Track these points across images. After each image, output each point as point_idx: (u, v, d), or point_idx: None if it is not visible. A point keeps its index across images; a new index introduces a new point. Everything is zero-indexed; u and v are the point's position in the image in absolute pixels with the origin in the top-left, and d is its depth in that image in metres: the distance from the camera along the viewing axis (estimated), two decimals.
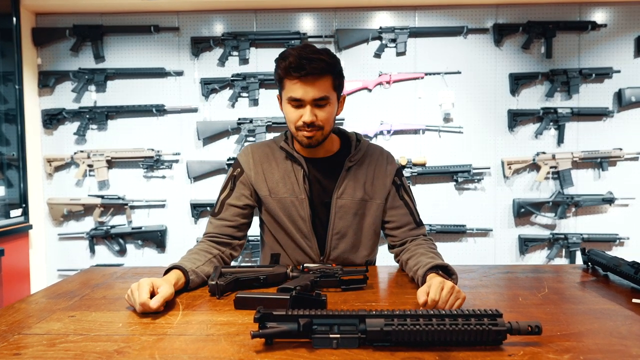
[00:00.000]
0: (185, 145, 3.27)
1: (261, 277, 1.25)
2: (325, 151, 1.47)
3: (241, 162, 1.50)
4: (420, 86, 3.20)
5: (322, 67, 1.29)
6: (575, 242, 3.16)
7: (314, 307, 0.98)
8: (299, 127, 1.36)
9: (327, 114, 1.35)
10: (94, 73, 3.22)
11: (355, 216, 1.46)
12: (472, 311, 0.83)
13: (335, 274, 1.24)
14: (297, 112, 1.34)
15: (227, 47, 3.19)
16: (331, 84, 1.34)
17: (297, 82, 1.30)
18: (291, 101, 1.33)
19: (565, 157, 3.14)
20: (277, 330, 0.83)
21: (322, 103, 1.33)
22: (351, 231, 1.47)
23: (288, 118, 1.38)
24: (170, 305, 1.11)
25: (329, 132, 1.40)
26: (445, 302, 1.01)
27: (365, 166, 1.48)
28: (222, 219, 1.45)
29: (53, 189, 3.30)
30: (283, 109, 1.40)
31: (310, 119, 1.32)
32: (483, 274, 1.39)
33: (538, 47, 3.18)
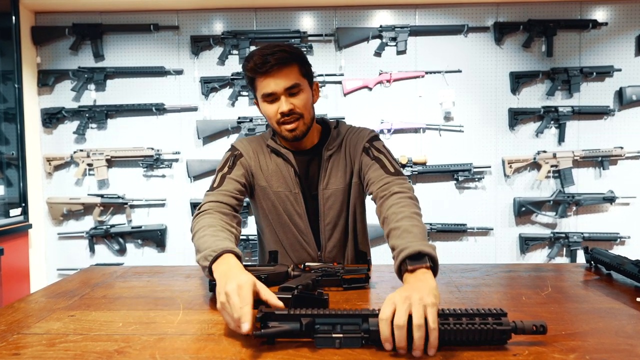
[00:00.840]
0: (185, 144, 3.26)
1: (262, 276, 1.24)
2: (310, 142, 1.47)
3: (240, 148, 1.48)
4: (421, 85, 3.19)
5: (285, 57, 1.31)
6: (576, 241, 3.15)
7: (316, 307, 0.97)
8: (279, 121, 1.36)
9: (303, 101, 1.36)
10: (94, 72, 3.21)
11: (344, 204, 1.47)
12: (476, 310, 0.82)
13: (336, 273, 1.23)
14: (274, 106, 1.34)
15: (227, 45, 3.18)
16: (298, 71, 1.35)
17: (265, 78, 1.31)
18: (266, 97, 1.34)
19: (566, 156, 3.14)
20: (279, 330, 0.82)
21: (295, 91, 1.34)
22: (342, 220, 1.48)
23: (268, 116, 1.38)
24: (170, 305, 1.10)
25: (310, 120, 1.40)
26: (419, 317, 0.79)
27: (345, 150, 1.47)
28: (224, 190, 1.36)
29: (52, 188, 3.28)
30: (262, 110, 1.40)
31: (287, 107, 1.32)
32: (485, 272, 1.38)
33: (539, 45, 3.17)
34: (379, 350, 0.82)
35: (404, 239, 1.06)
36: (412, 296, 0.82)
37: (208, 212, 1.29)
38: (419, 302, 0.80)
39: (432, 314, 0.79)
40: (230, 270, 0.98)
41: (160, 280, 1.33)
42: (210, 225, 1.20)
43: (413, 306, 0.80)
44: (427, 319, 0.79)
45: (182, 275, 1.40)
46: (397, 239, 1.08)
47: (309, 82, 1.40)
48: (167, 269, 1.48)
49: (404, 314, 0.79)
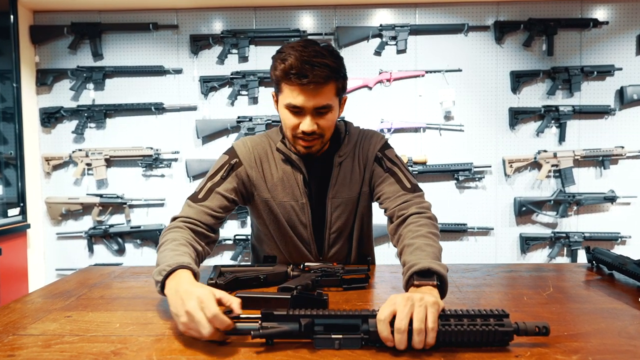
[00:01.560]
0: (184, 144, 3.25)
1: (261, 276, 1.23)
2: (321, 149, 1.39)
3: (241, 155, 1.36)
4: (421, 84, 3.18)
5: (326, 75, 1.19)
6: (577, 241, 3.14)
7: (315, 307, 0.96)
8: (297, 136, 1.28)
9: (329, 122, 1.27)
10: (93, 71, 3.19)
11: (352, 212, 1.41)
12: (478, 311, 0.81)
13: (336, 273, 1.22)
14: (295, 119, 1.25)
15: (227, 44, 3.17)
16: (334, 90, 1.24)
17: (296, 89, 1.20)
18: (290, 108, 1.24)
19: (567, 156, 3.12)
20: (278, 331, 0.81)
21: (324, 111, 1.24)
22: (348, 228, 1.42)
23: (285, 123, 1.28)
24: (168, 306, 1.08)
25: (329, 139, 1.33)
26: (419, 320, 0.79)
27: (357, 157, 1.39)
28: (206, 206, 1.27)
29: (51, 187, 3.27)
30: (279, 111, 1.30)
31: (310, 128, 1.23)
32: (486, 272, 1.37)
33: (539, 44, 3.16)
34: (379, 352, 0.81)
35: (416, 255, 1.05)
36: (413, 297, 0.81)
37: (178, 228, 1.21)
38: (420, 301, 0.80)
39: (432, 314, 0.79)
40: (180, 286, 0.91)
41: None
42: (174, 239, 1.15)
43: (414, 307, 0.79)
44: (427, 319, 0.78)
45: None
46: (409, 255, 1.07)
47: (340, 98, 1.30)
48: None
49: (405, 318, 0.79)
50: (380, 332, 0.79)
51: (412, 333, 0.78)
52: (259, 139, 1.42)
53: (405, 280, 1.01)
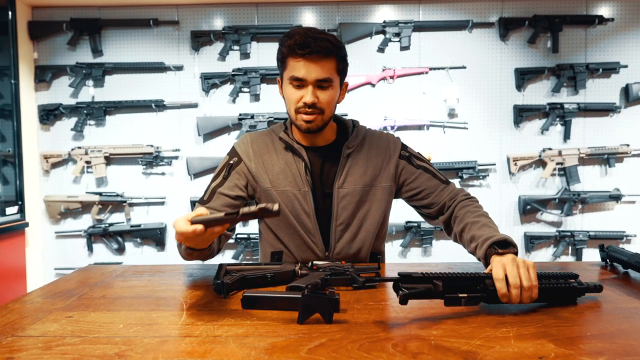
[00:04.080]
0: (185, 142, 3.21)
1: (268, 275, 1.19)
2: (324, 140, 1.42)
3: (239, 152, 1.43)
4: (425, 81, 3.15)
5: (327, 47, 1.26)
6: (582, 240, 3.11)
7: (327, 307, 0.92)
8: (298, 109, 1.31)
9: (329, 97, 1.31)
10: (92, 67, 3.16)
11: (360, 204, 1.41)
12: (555, 273, 1.02)
13: (346, 272, 1.18)
14: (298, 92, 1.29)
15: (228, 41, 3.13)
16: (335, 66, 1.30)
17: (300, 61, 1.26)
18: (293, 80, 1.29)
19: (572, 154, 3.10)
20: (418, 291, 0.90)
21: (325, 85, 1.29)
22: (356, 221, 1.41)
23: (288, 99, 1.33)
24: (173, 305, 1.05)
25: (329, 118, 1.35)
26: (527, 279, 0.97)
27: (366, 150, 1.42)
28: (211, 207, 1.35)
29: (50, 186, 3.23)
30: (283, 91, 1.36)
31: (311, 99, 1.27)
32: None
33: (544, 41, 3.13)
34: None
35: (487, 230, 1.20)
36: (517, 260, 1.00)
37: None
38: (523, 263, 0.99)
39: (534, 273, 0.98)
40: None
41: (162, 280, 1.28)
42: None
43: (520, 268, 0.98)
44: (530, 277, 0.97)
45: (183, 274, 1.35)
46: (479, 230, 1.21)
47: (341, 80, 1.36)
48: (168, 267, 1.43)
49: (517, 275, 0.97)
50: (500, 289, 0.95)
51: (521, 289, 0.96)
52: (260, 134, 1.49)
53: (485, 249, 1.13)
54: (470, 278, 0.94)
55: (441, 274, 0.93)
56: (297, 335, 0.86)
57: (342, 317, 0.96)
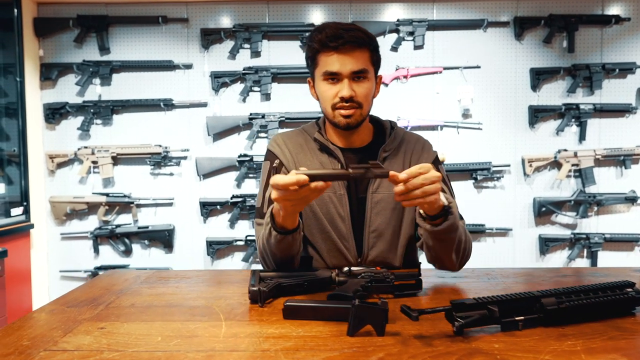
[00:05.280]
0: (194, 141, 3.15)
1: (305, 282, 1.13)
2: (360, 140, 1.36)
3: (277, 153, 1.38)
4: (439, 81, 3.10)
5: (360, 37, 1.22)
6: (597, 242, 3.07)
7: (379, 318, 0.87)
8: (335, 105, 1.26)
9: (366, 90, 1.26)
10: (99, 65, 3.09)
11: (395, 211, 1.34)
12: (607, 284, 0.94)
13: (386, 279, 1.13)
14: (334, 88, 1.25)
15: (239, 39, 3.08)
16: (369, 57, 1.26)
17: (333, 54, 1.22)
18: (327, 76, 1.24)
19: (587, 155, 3.06)
20: (473, 319, 0.85)
21: (361, 76, 1.24)
22: (390, 228, 1.34)
23: (323, 97, 1.28)
24: (209, 315, 0.99)
25: (367, 112, 1.31)
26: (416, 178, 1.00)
27: (402, 155, 1.37)
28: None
29: (55, 186, 3.17)
30: (317, 91, 1.31)
31: (348, 93, 1.22)
32: (536, 278, 1.28)
33: (560, 41, 3.09)
34: None
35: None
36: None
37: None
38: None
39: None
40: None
41: (190, 287, 1.22)
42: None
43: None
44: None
45: (211, 281, 1.29)
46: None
47: (375, 72, 1.31)
48: (194, 273, 1.37)
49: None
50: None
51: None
52: (292, 134, 1.43)
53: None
54: (526, 299, 0.89)
55: (495, 298, 0.87)
56: (351, 349, 0.81)
57: (393, 328, 0.91)
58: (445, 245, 1.19)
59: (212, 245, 3.12)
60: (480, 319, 0.85)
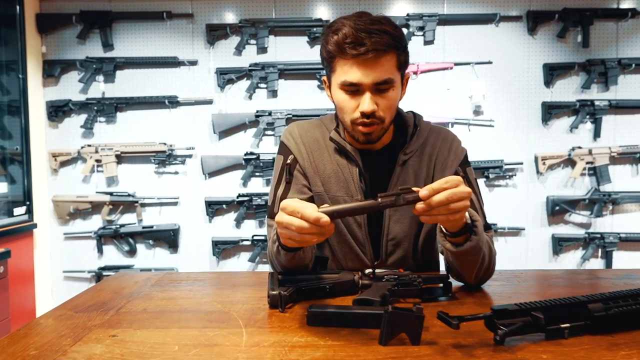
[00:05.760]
0: (199, 139, 3.09)
1: (327, 286, 1.07)
2: (380, 142, 1.24)
3: (291, 148, 1.27)
4: (449, 77, 3.04)
5: (385, 42, 1.05)
6: (612, 242, 3.01)
7: (414, 326, 0.80)
8: (355, 121, 1.13)
9: (390, 101, 1.12)
10: (103, 62, 3.03)
11: (414, 219, 1.24)
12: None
13: (413, 282, 1.06)
14: (353, 100, 1.11)
15: (245, 34, 3.01)
16: (396, 62, 1.09)
17: (353, 63, 1.07)
18: (346, 86, 1.10)
19: (603, 152, 2.99)
20: (516, 327, 0.78)
21: (385, 87, 1.09)
22: (409, 237, 1.25)
23: (341, 108, 1.14)
24: (227, 321, 0.93)
25: (390, 123, 1.17)
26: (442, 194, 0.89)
27: (427, 157, 1.24)
28: None
29: (58, 185, 3.11)
30: (333, 96, 1.17)
31: (370, 108, 1.08)
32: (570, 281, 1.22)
33: (574, 35, 3.02)
34: None
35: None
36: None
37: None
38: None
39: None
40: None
41: (203, 290, 1.16)
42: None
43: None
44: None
45: (225, 284, 1.22)
46: None
47: (402, 75, 1.16)
48: (206, 275, 1.30)
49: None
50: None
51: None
52: (309, 125, 1.31)
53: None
54: (572, 304, 0.83)
55: (539, 304, 0.81)
56: (386, 359, 0.74)
57: (427, 336, 0.84)
58: (465, 266, 1.09)
59: (218, 245, 3.06)
60: (523, 326, 0.78)
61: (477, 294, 1.11)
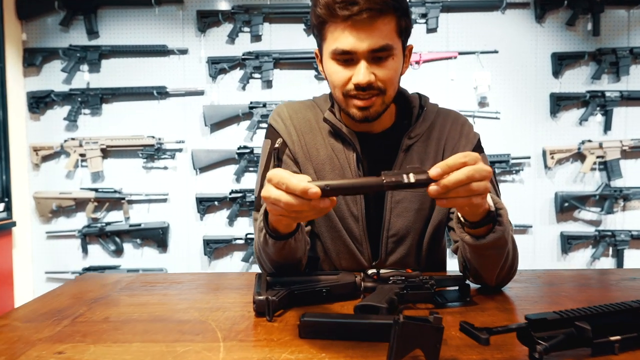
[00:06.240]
0: (190, 132, 2.94)
1: (324, 289, 0.91)
2: (381, 125, 1.11)
3: (280, 130, 1.13)
4: (453, 67, 2.89)
5: (382, 1, 0.92)
6: (624, 240, 2.87)
7: (432, 340, 0.65)
8: (349, 93, 0.99)
9: (391, 72, 0.98)
10: (87, 51, 2.88)
11: (420, 213, 1.11)
12: None
13: (425, 285, 0.91)
14: (346, 71, 0.98)
15: (238, 22, 2.87)
16: (395, 26, 0.96)
17: (345, 27, 0.94)
18: (337, 55, 0.97)
19: (613, 146, 2.85)
20: (559, 340, 0.63)
21: (383, 55, 0.96)
22: (413, 232, 1.11)
23: (332, 81, 1.01)
24: (203, 332, 0.77)
25: (391, 98, 1.03)
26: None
27: (434, 142, 1.10)
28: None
29: (40, 181, 2.96)
30: (324, 69, 1.04)
31: (365, 79, 0.95)
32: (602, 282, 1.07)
33: (584, 23, 2.88)
34: None
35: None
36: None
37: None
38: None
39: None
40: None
41: (180, 294, 1.00)
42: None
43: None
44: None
45: (208, 287, 1.07)
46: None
47: (404, 44, 1.02)
48: (186, 277, 1.14)
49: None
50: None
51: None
52: (300, 106, 1.17)
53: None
54: (623, 311, 0.69)
55: (583, 311, 0.67)
56: None
57: (447, 352, 0.69)
58: (487, 263, 0.93)
59: (210, 244, 2.91)
60: (566, 340, 0.64)
61: (498, 298, 0.96)
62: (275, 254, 0.94)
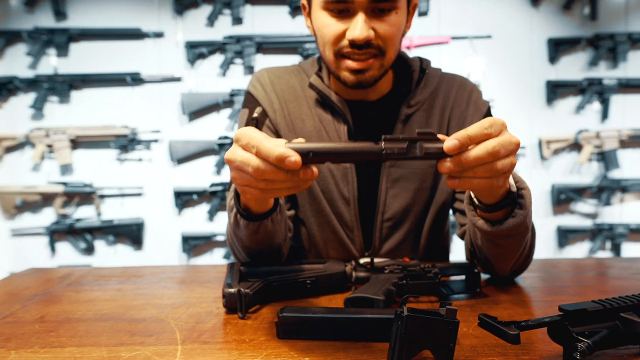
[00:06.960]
0: (166, 122, 2.79)
1: (308, 280, 0.76)
2: (376, 92, 0.97)
3: (259, 98, 0.98)
4: (445, 52, 2.77)
5: None
6: (622, 233, 2.78)
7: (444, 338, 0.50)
8: (341, 51, 0.85)
9: (393, 28, 0.85)
10: (54, 33, 2.71)
11: (420, 193, 0.96)
12: None
13: (427, 274, 0.76)
14: (340, 24, 0.84)
15: (218, 3, 2.73)
16: None
17: None
18: (330, 4, 0.83)
19: (611, 136, 2.75)
20: (602, 336, 0.50)
21: (386, 7, 0.83)
22: (411, 216, 0.97)
23: (322, 36, 0.87)
24: (158, 333, 0.61)
25: (391, 61, 0.89)
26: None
27: (438, 111, 0.97)
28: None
29: (3, 174, 2.78)
30: (313, 22, 0.90)
31: (363, 34, 0.81)
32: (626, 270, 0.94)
33: (581, 7, 2.79)
34: None
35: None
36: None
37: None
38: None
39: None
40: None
41: (138, 289, 0.84)
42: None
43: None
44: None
45: (171, 280, 0.91)
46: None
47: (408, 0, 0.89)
48: (148, 270, 0.98)
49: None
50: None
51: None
52: (283, 71, 1.02)
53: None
54: None
55: (630, 300, 0.55)
56: None
57: (461, 353, 0.55)
58: (503, 251, 0.79)
59: (189, 240, 2.75)
60: (610, 335, 0.52)
61: (511, 290, 0.83)
62: (248, 238, 0.79)
